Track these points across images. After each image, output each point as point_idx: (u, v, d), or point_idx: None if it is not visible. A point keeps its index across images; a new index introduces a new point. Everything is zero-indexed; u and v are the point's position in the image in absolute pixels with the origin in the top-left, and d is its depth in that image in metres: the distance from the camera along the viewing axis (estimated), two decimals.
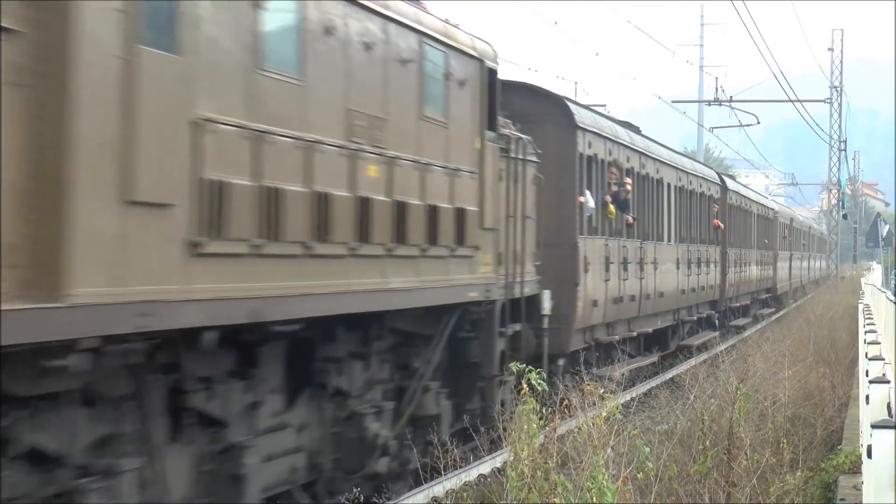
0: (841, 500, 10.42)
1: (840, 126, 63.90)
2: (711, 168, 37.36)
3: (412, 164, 11.65)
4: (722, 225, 32.59)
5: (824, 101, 62.03)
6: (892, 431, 6.77)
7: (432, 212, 12.04)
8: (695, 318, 29.01)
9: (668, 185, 25.76)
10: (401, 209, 11.30)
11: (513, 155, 15.02)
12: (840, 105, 63.36)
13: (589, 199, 18.75)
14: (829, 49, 64.72)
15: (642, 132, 25.39)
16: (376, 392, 12.30)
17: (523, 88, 18.22)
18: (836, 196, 67.13)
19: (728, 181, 35.90)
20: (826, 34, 69.37)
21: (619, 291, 20.49)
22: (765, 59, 59.17)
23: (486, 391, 14.33)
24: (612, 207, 19.83)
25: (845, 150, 65.83)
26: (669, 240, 25.78)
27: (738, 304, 36.67)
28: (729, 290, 33.93)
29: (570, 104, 18.28)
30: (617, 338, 20.44)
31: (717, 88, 54.17)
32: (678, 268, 26.39)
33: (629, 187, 20.57)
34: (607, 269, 19.64)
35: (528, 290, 15.52)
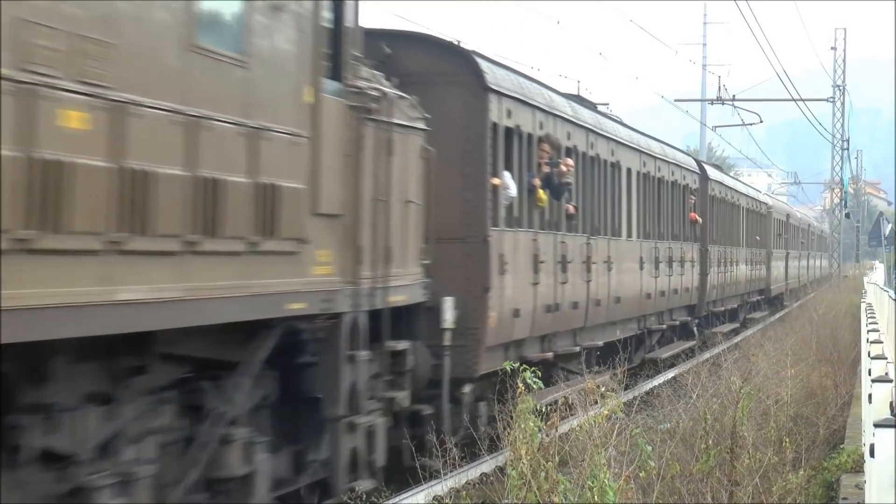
0: (843, 499, 10.70)
1: (842, 125, 63.52)
2: (689, 155, 33.50)
3: (168, 116, 7.80)
4: (700, 219, 28.75)
5: (827, 101, 62.46)
6: (895, 430, 6.85)
7: (210, 187, 8.20)
8: (665, 326, 25.10)
9: (629, 170, 21.84)
10: (139, 181, 7.46)
11: (378, 117, 11.20)
12: (843, 104, 63.10)
13: (508, 183, 14.88)
14: (831, 48, 65.07)
15: (599, 109, 21.55)
16: (145, 448, 8.51)
17: (418, 41, 14.34)
18: (839, 195, 67.06)
19: (709, 170, 31.99)
20: (829, 33, 70.43)
21: (555, 297, 16.60)
22: (767, 58, 60.09)
23: (331, 437, 10.56)
24: (541, 193, 15.92)
25: (848, 148, 64.95)
26: (630, 235, 21.86)
27: (723, 309, 32.94)
28: (711, 292, 30.19)
29: (480, 60, 14.38)
30: (550, 355, 16.57)
31: (719, 87, 54.37)
32: (642, 268, 22.47)
33: (565, 169, 16.58)
34: (536, 271, 15.73)
35: (404, 298, 11.71)
